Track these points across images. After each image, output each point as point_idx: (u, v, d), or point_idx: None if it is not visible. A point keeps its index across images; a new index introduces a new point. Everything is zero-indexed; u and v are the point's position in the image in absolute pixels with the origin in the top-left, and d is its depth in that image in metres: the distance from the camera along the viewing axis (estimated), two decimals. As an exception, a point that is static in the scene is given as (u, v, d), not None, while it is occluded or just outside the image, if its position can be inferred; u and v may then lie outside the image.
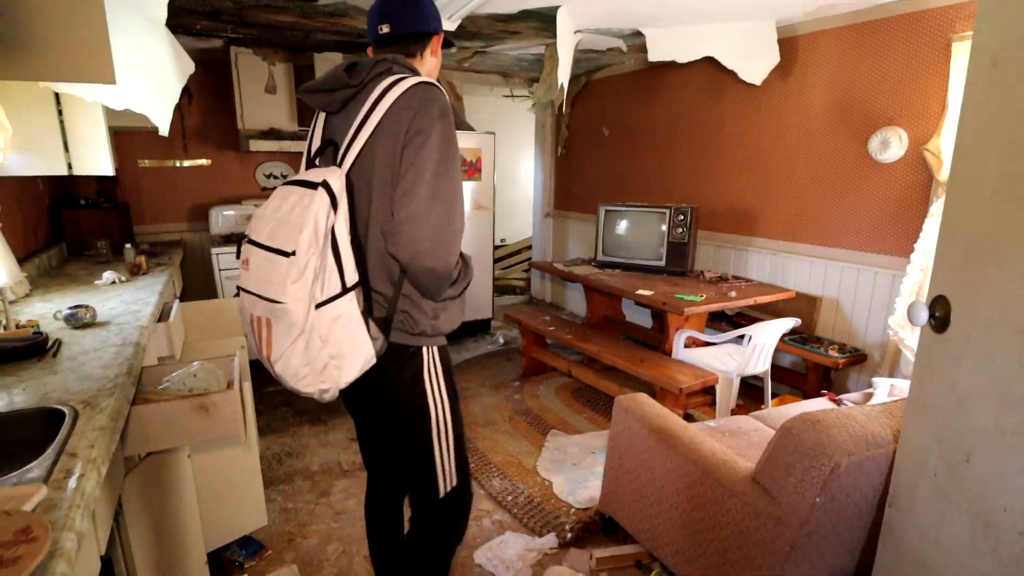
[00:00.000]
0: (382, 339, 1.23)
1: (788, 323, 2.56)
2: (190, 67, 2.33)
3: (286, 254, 1.11)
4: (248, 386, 1.95)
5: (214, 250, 3.45)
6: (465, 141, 4.22)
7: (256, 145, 3.72)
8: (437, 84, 1.22)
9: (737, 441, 1.87)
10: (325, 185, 1.14)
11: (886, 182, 2.75)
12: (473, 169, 4.32)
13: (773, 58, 3.04)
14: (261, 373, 3.59)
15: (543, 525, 2.18)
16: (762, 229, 3.40)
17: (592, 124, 4.75)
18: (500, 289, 6.15)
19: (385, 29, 1.29)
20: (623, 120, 4.39)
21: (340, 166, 1.20)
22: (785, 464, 1.25)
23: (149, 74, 2.03)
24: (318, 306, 1.14)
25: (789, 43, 3.09)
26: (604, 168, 4.67)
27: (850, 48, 2.85)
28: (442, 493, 1.37)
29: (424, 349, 1.31)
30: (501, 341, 4.46)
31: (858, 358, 2.78)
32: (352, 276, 1.18)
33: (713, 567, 1.49)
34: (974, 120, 1.00)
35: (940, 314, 1.01)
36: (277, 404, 3.26)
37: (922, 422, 1.07)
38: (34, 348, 1.52)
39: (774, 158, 3.29)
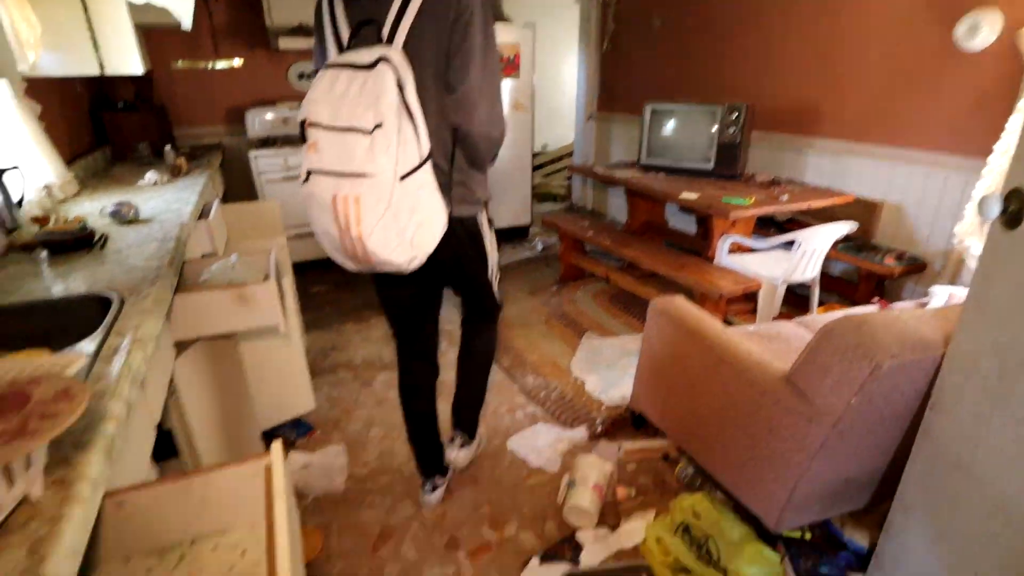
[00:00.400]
0: (448, 207, 1.35)
1: (842, 228, 2.40)
2: (209, -49, 2.20)
3: (366, 131, 1.16)
4: (288, 281, 2.01)
5: (252, 153, 3.46)
6: (502, 35, 3.94)
7: (286, 43, 3.59)
8: None
9: (776, 345, 1.83)
10: (385, 61, 1.17)
11: (970, 74, 2.44)
12: (511, 66, 4.07)
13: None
14: (305, 272, 3.72)
15: (574, 419, 2.25)
16: (825, 128, 3.12)
17: (642, 15, 4.34)
18: (541, 196, 6.01)
19: None
20: (675, 9, 3.99)
21: (391, 43, 1.22)
22: (822, 365, 1.21)
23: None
24: (402, 178, 1.22)
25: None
26: (653, 64, 4.33)
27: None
28: (498, 306, 1.74)
29: (480, 214, 1.49)
30: (540, 247, 4.42)
31: (916, 267, 2.62)
32: (427, 146, 1.25)
33: (741, 461, 1.51)
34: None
35: (1014, 208, 0.90)
36: (322, 304, 3.39)
37: (979, 324, 0.99)
38: (82, 241, 1.59)
39: (845, 48, 2.94)
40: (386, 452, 2.10)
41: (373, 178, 1.18)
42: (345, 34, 1.29)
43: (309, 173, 1.27)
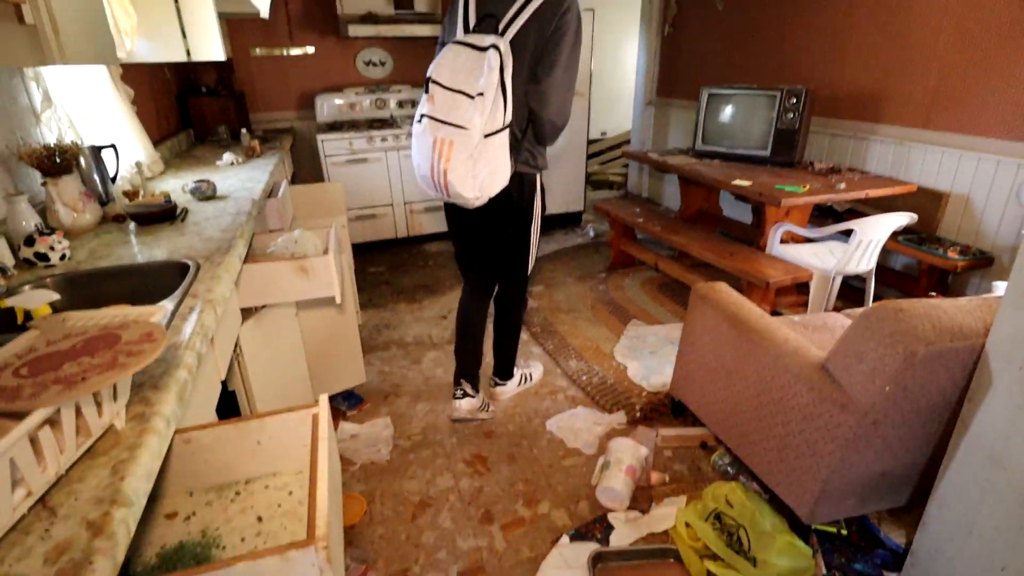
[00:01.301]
0: (514, 166, 1.73)
1: (901, 219, 2.30)
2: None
3: (470, 96, 1.58)
4: (347, 258, 2.14)
5: (320, 136, 3.65)
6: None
7: (355, 30, 3.75)
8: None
9: (820, 335, 1.79)
10: (495, 48, 1.57)
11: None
12: (569, 52, 4.08)
13: None
14: (365, 255, 3.91)
15: (614, 404, 2.29)
16: (889, 114, 2.97)
17: (705, -4, 4.23)
18: (597, 183, 5.99)
19: None
20: (741, -11, 3.87)
21: (503, 35, 1.61)
22: (857, 352, 1.20)
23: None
24: (487, 136, 1.62)
25: None
26: (714, 48, 4.21)
27: None
28: (528, 271, 2.06)
29: (537, 175, 1.86)
30: (591, 234, 4.43)
31: (982, 261, 2.46)
32: (510, 117, 1.64)
33: (774, 450, 1.51)
34: None
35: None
36: (378, 283, 3.55)
37: (1017, 311, 0.96)
38: (165, 214, 1.77)
39: (914, 28, 2.78)
40: (430, 427, 2.21)
41: (466, 131, 1.59)
42: (472, 21, 1.69)
43: (423, 116, 1.68)
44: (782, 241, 2.69)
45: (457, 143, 1.61)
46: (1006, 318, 1.00)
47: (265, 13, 2.24)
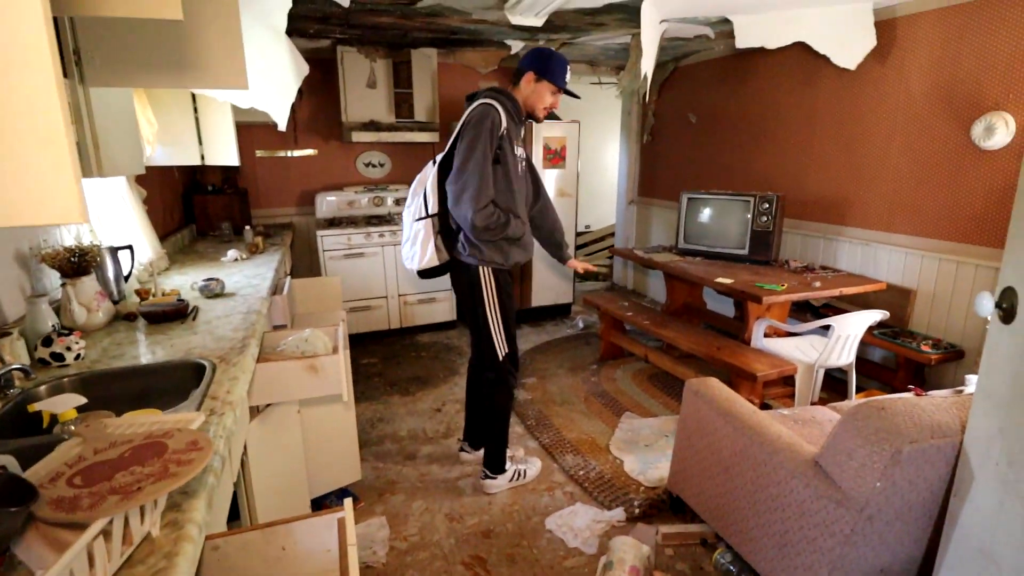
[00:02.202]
0: (444, 252, 2.14)
1: (875, 315, 2.45)
2: (305, 68, 2.61)
3: (417, 194, 2.17)
4: (347, 354, 2.20)
5: (319, 232, 3.81)
6: (552, 130, 4.31)
7: (357, 136, 4.04)
8: (491, 103, 2.01)
9: (809, 429, 1.86)
10: (435, 162, 2.12)
11: (989, 171, 2.55)
12: (557, 157, 4.40)
13: (869, 42, 2.87)
14: (358, 347, 3.95)
15: (612, 500, 2.28)
16: (853, 218, 3.24)
17: (679, 111, 4.67)
18: (584, 275, 6.21)
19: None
20: (710, 107, 4.29)
21: (446, 149, 2.09)
22: (847, 449, 1.27)
23: (271, 77, 2.31)
24: (415, 220, 2.15)
25: (887, 25, 2.91)
26: (689, 155, 4.59)
27: (954, 29, 2.65)
28: (500, 355, 2.22)
29: (480, 267, 2.13)
30: (581, 325, 4.55)
31: (954, 354, 2.61)
32: (432, 209, 2.10)
33: (775, 547, 1.53)
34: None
35: (1007, 305, 1.00)
36: (371, 375, 3.57)
37: (987, 412, 1.06)
38: (178, 313, 1.84)
39: (868, 145, 3.11)
40: (426, 526, 2.17)
41: (404, 214, 2.21)
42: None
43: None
44: (766, 335, 2.82)
45: (404, 222, 2.22)
46: (978, 420, 1.09)
47: (283, 126, 2.44)
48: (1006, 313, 1.01)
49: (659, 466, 2.47)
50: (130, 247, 2.12)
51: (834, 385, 3.13)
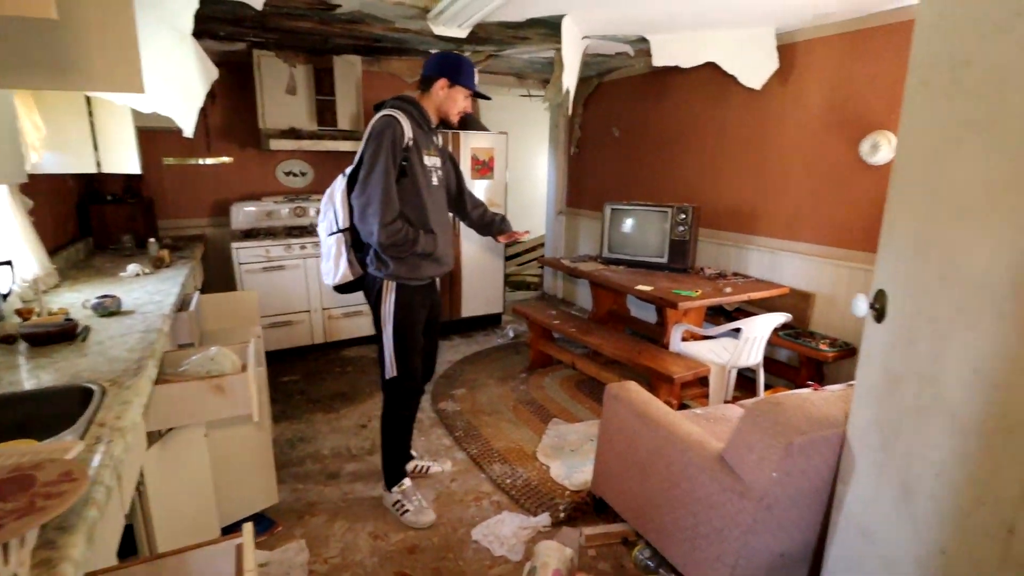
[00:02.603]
0: (357, 266, 2.11)
1: (778, 318, 2.63)
2: (214, 73, 2.49)
3: (327, 208, 2.12)
4: (262, 371, 2.10)
5: (234, 244, 3.63)
6: (479, 141, 4.34)
7: (276, 144, 3.89)
8: (390, 113, 1.97)
9: (720, 427, 1.96)
10: (344, 174, 2.06)
11: (874, 184, 2.81)
12: (485, 168, 4.43)
13: (772, 64, 3.10)
14: (278, 364, 3.78)
15: (538, 506, 2.30)
16: (762, 228, 3.46)
17: (603, 124, 4.83)
18: (515, 284, 6.26)
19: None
20: (632, 121, 4.47)
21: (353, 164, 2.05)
22: (748, 443, 1.35)
23: (176, 81, 2.18)
24: (328, 235, 2.10)
25: (788, 49, 3.15)
26: (614, 167, 4.76)
27: (845, 55, 2.91)
28: (387, 376, 2.16)
29: (385, 281, 2.08)
30: (511, 335, 4.57)
31: (848, 352, 2.83)
32: (342, 224, 2.06)
33: (687, 540, 1.59)
34: (909, 132, 1.09)
35: (879, 306, 1.10)
36: (292, 393, 3.43)
37: (864, 403, 1.16)
38: (65, 333, 1.68)
39: (773, 160, 3.35)
40: (349, 547, 2.10)
41: (319, 228, 2.17)
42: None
43: None
44: (682, 339, 2.95)
45: (321, 235, 2.18)
46: (857, 411, 1.19)
47: (189, 133, 2.30)
48: (878, 313, 1.11)
49: (584, 470, 2.51)
50: (9, 262, 1.93)
51: (746, 385, 3.32)
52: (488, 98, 2.22)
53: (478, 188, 4.40)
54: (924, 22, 1.04)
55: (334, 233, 2.07)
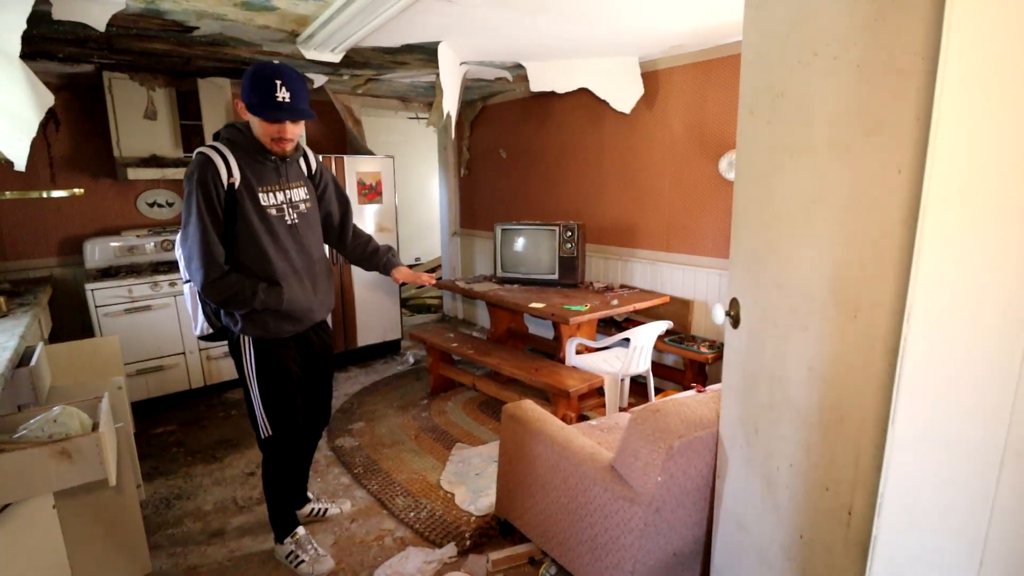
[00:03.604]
0: (214, 318, 1.87)
1: (662, 325, 2.80)
2: (49, 99, 2.22)
3: None
4: (123, 427, 1.88)
5: (89, 286, 3.24)
6: (365, 165, 4.25)
7: (135, 173, 3.55)
8: (203, 152, 1.71)
9: (613, 436, 2.03)
10: None
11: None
12: (373, 192, 4.35)
13: (638, 90, 3.34)
14: (151, 414, 3.41)
15: (444, 536, 2.24)
16: (641, 241, 3.70)
17: (491, 146, 4.93)
18: (415, 308, 6.15)
19: None
20: (518, 143, 4.61)
21: None
22: (633, 451, 1.41)
23: (2, 109, 1.92)
24: (184, 283, 1.86)
25: (651, 76, 3.42)
26: (503, 188, 4.86)
27: (700, 82, 3.21)
28: (262, 436, 1.95)
29: (241, 337, 1.86)
30: (411, 361, 4.47)
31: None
32: (185, 276, 1.82)
33: (588, 552, 1.62)
34: (744, 155, 1.22)
35: (734, 313, 1.21)
36: (167, 446, 3.10)
37: (730, 403, 1.26)
38: None
39: (647, 178, 3.60)
40: (238, 606, 1.93)
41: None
42: None
43: None
44: (577, 352, 3.05)
45: None
46: (726, 410, 1.29)
47: (21, 166, 2.03)
48: (734, 320, 1.22)
49: (489, 493, 2.49)
50: None
51: (639, 391, 3.49)
52: (311, 116, 1.76)
53: (367, 213, 4.30)
54: (747, 56, 1.18)
55: (187, 281, 1.84)
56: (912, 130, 0.84)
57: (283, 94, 1.65)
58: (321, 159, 2.11)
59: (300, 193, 1.90)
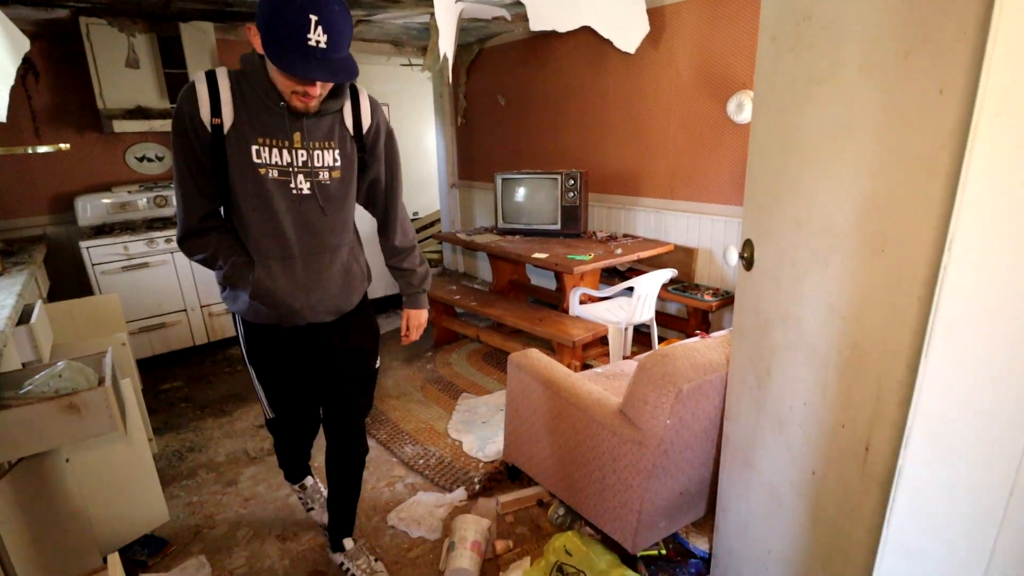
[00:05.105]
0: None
1: (666, 274, 2.77)
2: (24, 44, 2.12)
3: None
4: (128, 383, 1.87)
5: (83, 243, 3.19)
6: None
7: (121, 126, 3.43)
8: (193, 80, 1.33)
9: (619, 383, 2.04)
10: None
11: (741, 141, 3.02)
12: (368, 142, 4.23)
13: (644, 27, 3.19)
14: (155, 371, 3.43)
15: (453, 482, 2.29)
16: (645, 188, 3.62)
17: (488, 93, 4.76)
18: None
19: None
20: (517, 89, 4.45)
21: None
22: (642, 396, 1.41)
23: (-27, 54, 1.83)
24: None
25: (657, 13, 3.26)
26: (502, 136, 4.73)
27: (709, 18, 3.06)
28: (265, 419, 1.78)
29: (233, 314, 1.59)
30: (412, 314, 4.47)
31: (728, 300, 3.07)
32: None
33: (596, 493, 1.65)
34: (763, 88, 1.16)
35: (748, 255, 1.18)
36: (175, 401, 3.13)
37: (741, 346, 1.25)
38: None
39: (652, 122, 3.48)
40: (256, 554, 1.98)
41: None
42: None
43: None
44: (581, 302, 3.03)
45: None
46: (736, 353, 1.28)
47: (2, 116, 1.96)
48: (748, 262, 1.19)
49: (496, 440, 2.53)
50: None
51: (643, 340, 3.50)
52: (353, 77, 1.23)
53: (364, 165, 4.19)
54: (771, -21, 1.10)
55: None
56: (958, 46, 0.78)
57: (317, 36, 1.12)
58: (384, 111, 1.56)
59: (327, 157, 1.39)
